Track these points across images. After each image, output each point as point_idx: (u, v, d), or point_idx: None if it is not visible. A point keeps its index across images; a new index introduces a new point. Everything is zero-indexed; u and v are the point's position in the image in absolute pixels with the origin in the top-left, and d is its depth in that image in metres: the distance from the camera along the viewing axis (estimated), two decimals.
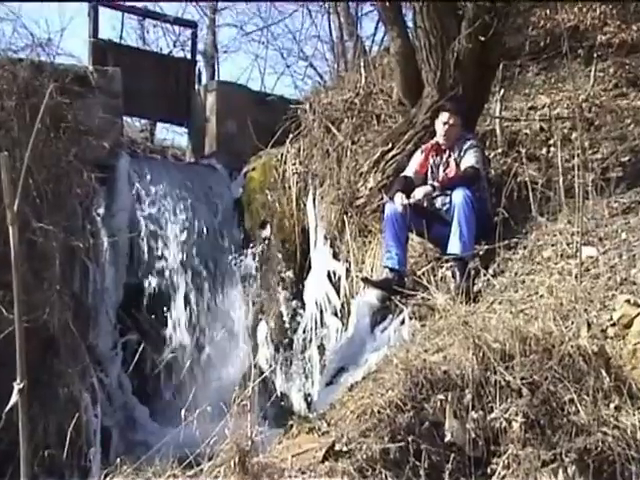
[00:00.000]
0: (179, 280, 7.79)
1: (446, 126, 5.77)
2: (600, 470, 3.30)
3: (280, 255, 7.87)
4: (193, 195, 8.36)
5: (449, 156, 5.79)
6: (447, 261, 5.52)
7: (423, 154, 5.90)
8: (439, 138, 5.83)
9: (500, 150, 6.76)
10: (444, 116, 5.82)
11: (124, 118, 8.98)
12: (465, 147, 5.73)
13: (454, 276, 5.33)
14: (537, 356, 3.55)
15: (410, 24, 6.95)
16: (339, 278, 7.03)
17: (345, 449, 3.45)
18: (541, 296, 4.29)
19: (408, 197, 5.63)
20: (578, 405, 3.41)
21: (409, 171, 5.94)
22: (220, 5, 13.97)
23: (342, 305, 6.93)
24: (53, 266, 6.47)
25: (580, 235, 4.54)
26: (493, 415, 3.49)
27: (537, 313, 3.90)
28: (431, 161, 5.86)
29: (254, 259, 8.02)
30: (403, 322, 5.43)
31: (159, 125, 12.56)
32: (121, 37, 12.39)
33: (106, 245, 7.39)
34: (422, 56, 6.34)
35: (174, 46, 13.39)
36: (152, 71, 9.53)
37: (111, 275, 7.46)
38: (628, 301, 4.02)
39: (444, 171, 5.78)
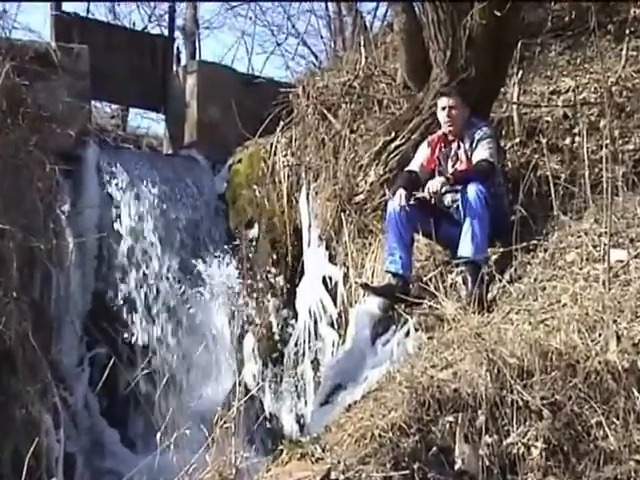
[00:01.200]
0: (155, 286, 7.77)
1: (445, 110, 5.75)
2: None
3: (269, 258, 7.86)
4: (171, 190, 8.35)
5: (458, 147, 5.77)
6: (457, 265, 5.51)
7: (429, 147, 5.89)
8: (444, 127, 5.82)
9: (518, 140, 6.75)
10: (442, 101, 5.81)
11: (92, 103, 8.96)
12: (477, 137, 5.70)
13: (465, 282, 5.32)
14: (559, 373, 3.55)
15: None
16: (336, 284, 7.03)
17: (342, 477, 3.44)
18: (564, 305, 4.28)
19: (412, 194, 5.62)
20: (607, 429, 3.40)
21: (414, 165, 5.93)
22: None
23: (339, 315, 6.93)
24: (10, 270, 6.45)
25: (608, 236, 4.52)
26: (510, 440, 3.49)
27: (559, 324, 3.90)
28: (437, 154, 5.84)
29: (240, 262, 8.01)
30: (408, 334, 5.44)
31: (132, 111, 12.57)
32: (88, 10, 12.41)
33: (71, 247, 7.36)
34: (430, 33, 6.32)
35: (149, 21, 13.45)
36: (124, 49, 9.50)
37: (77, 281, 7.44)
38: None
39: (453, 165, 5.76)
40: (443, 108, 5.77)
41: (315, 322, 7.15)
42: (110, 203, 7.94)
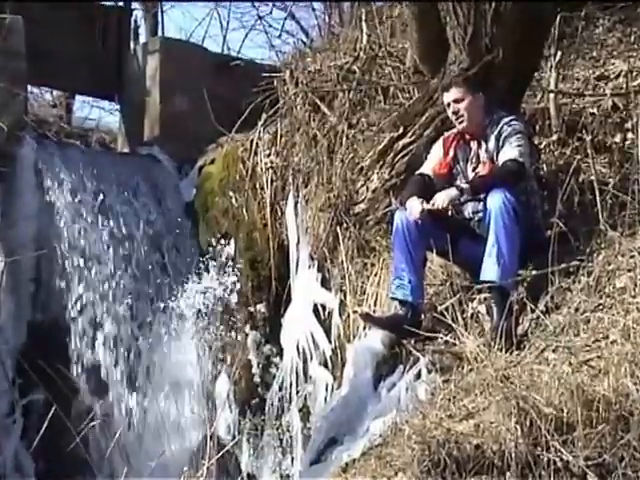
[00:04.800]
0: (105, 317, 7.76)
1: (450, 107, 5.77)
2: None
3: (248, 281, 7.87)
4: (126, 198, 8.35)
5: (479, 146, 5.78)
6: (480, 291, 5.52)
7: (443, 148, 5.90)
8: (457, 126, 5.82)
9: (556, 137, 6.78)
10: (445, 97, 5.83)
11: (29, 88, 8.96)
12: (504, 133, 5.70)
13: (490, 312, 5.34)
14: (608, 427, 3.54)
15: None
16: (330, 314, 7.04)
17: None
18: (613, 342, 4.28)
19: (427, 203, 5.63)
20: None
21: (427, 168, 5.94)
22: None
23: (334, 352, 6.93)
24: None
25: None
26: None
27: (607, 365, 3.90)
28: (452, 154, 5.84)
29: (212, 287, 8.01)
30: (419, 376, 5.44)
31: (79, 99, 12.61)
32: None
33: (1, 267, 7.36)
34: (447, 5, 6.35)
35: None
36: (69, 23, 9.54)
37: (8, 309, 7.44)
38: None
39: (474, 169, 5.77)
40: (448, 105, 5.80)
41: (304, 361, 7.16)
42: (50, 213, 7.94)
